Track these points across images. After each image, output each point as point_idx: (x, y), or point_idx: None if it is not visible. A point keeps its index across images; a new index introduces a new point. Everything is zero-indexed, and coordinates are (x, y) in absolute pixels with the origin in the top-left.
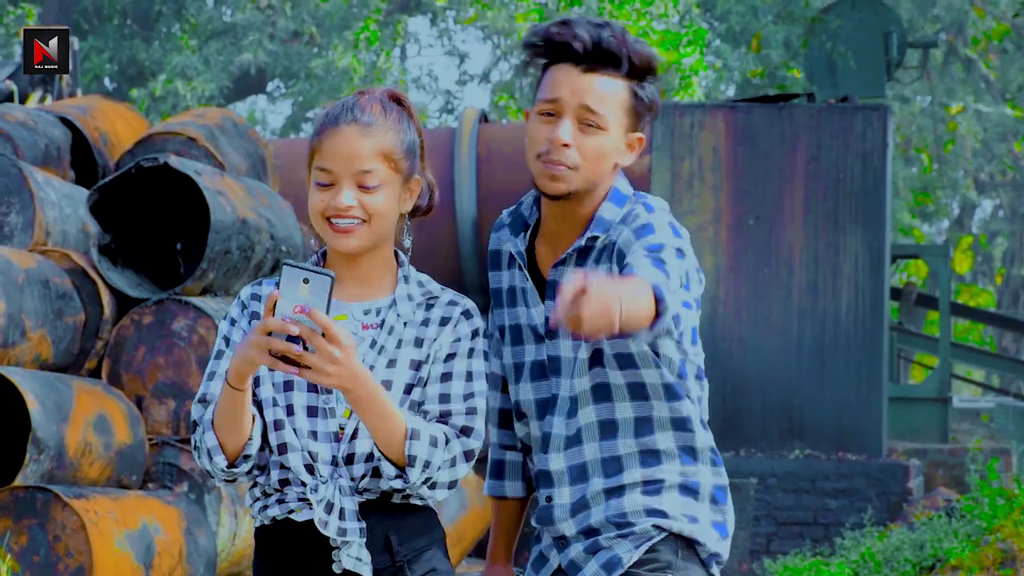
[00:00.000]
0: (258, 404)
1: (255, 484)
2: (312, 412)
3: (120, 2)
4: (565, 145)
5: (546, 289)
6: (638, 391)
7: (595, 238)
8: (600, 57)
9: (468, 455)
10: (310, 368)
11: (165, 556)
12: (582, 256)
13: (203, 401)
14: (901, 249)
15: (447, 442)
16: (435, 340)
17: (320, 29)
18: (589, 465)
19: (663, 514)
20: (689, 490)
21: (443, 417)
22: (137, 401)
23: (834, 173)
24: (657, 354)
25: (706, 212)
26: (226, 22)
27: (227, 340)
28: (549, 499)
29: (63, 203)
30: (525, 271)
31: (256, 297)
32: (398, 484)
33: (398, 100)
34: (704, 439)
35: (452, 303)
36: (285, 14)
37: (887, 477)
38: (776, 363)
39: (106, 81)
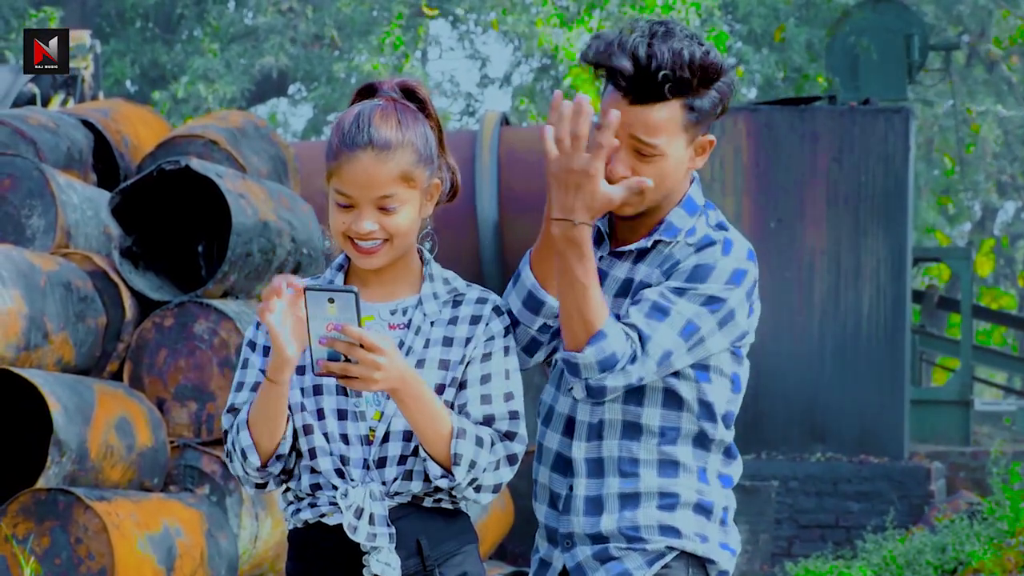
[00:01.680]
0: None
1: (287, 489)
2: (342, 415)
3: (142, 5)
4: (623, 176)
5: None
6: (672, 400)
7: (660, 242)
8: (644, 88)
9: (512, 459)
10: (358, 379)
11: (186, 559)
12: (641, 255)
13: (233, 411)
14: (923, 252)
15: (492, 444)
16: (468, 340)
17: (341, 33)
18: (607, 462)
19: (676, 532)
20: (703, 509)
21: (486, 422)
22: (159, 404)
23: (856, 176)
24: (708, 368)
25: (727, 215)
26: (247, 25)
27: (253, 345)
28: (572, 488)
29: (85, 206)
30: (607, 245)
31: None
32: (444, 484)
33: (413, 93)
34: (715, 462)
35: (481, 300)
36: (306, 17)
37: (909, 480)
38: (798, 366)
39: (128, 84)
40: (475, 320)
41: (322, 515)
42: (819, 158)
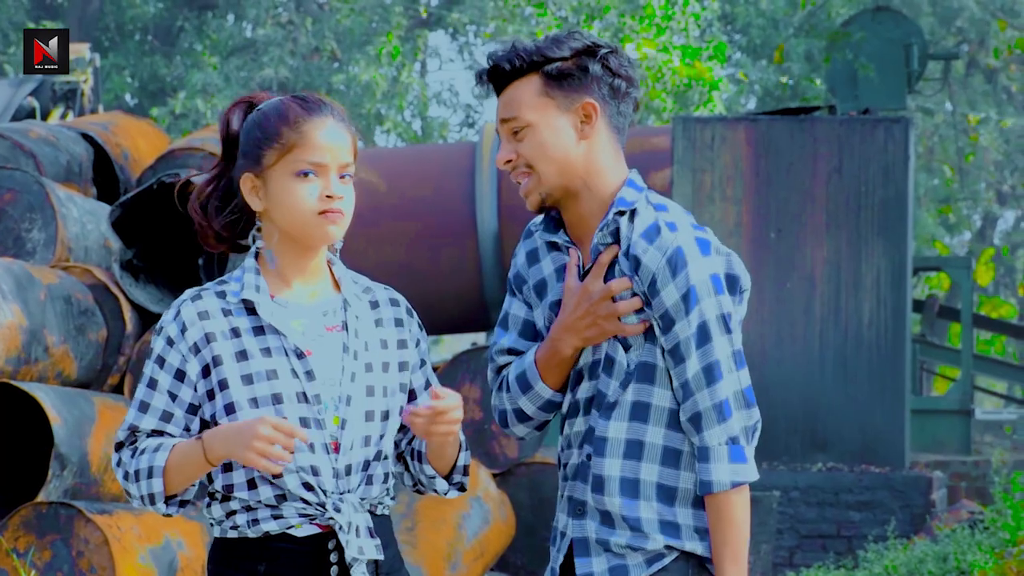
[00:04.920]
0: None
1: (229, 498)
2: (304, 423)
3: (141, 18)
4: (508, 162)
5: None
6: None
7: (620, 213)
8: (498, 77)
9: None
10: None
11: (188, 571)
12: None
13: (134, 431)
14: (923, 261)
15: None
16: (400, 343)
17: (341, 45)
18: (610, 442)
19: (675, 529)
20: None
21: None
22: None
23: (856, 186)
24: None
25: (727, 225)
26: (246, 38)
27: (162, 362)
28: (589, 457)
29: (85, 219)
30: (575, 248)
31: (204, 315)
32: (454, 494)
33: None
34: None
35: (394, 302)
36: (305, 29)
37: (910, 489)
38: (798, 376)
39: (127, 98)
40: (398, 323)
41: (289, 527)
42: (819, 168)
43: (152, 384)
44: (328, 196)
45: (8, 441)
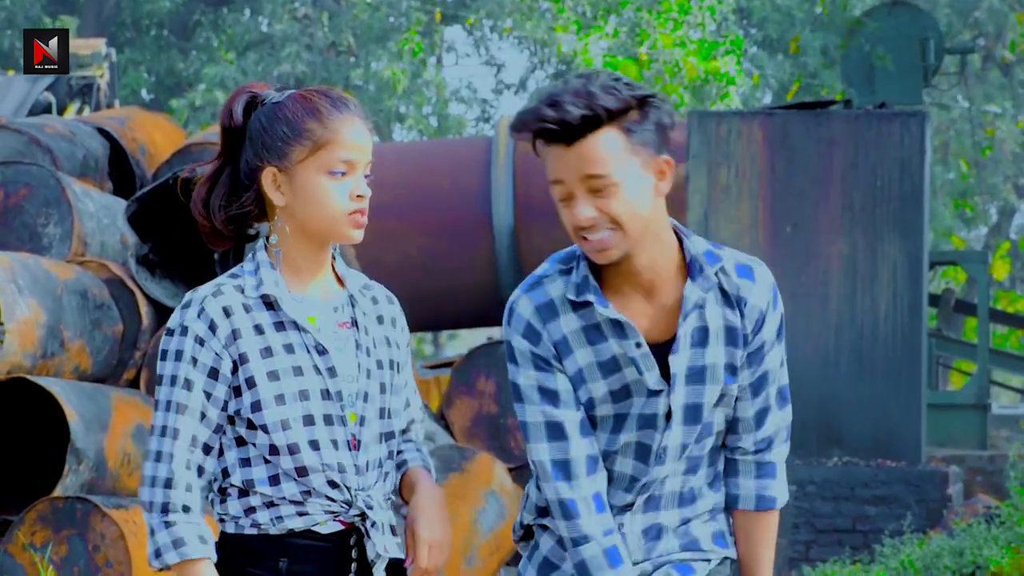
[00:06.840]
0: (253, 426)
1: (248, 494)
2: (328, 420)
3: (157, 13)
4: (591, 221)
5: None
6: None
7: (722, 271)
8: (572, 130)
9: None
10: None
11: None
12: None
13: (162, 462)
14: (939, 255)
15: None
16: (397, 343)
17: (358, 40)
18: (665, 497)
19: (723, 536)
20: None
21: (411, 423)
22: None
23: (872, 180)
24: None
25: (743, 220)
26: (263, 33)
27: (194, 361)
28: (620, 526)
29: (101, 214)
30: (645, 346)
31: (230, 311)
32: None
33: None
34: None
35: (390, 299)
36: (322, 25)
37: (926, 484)
38: (814, 370)
39: (143, 93)
40: (393, 322)
41: (315, 523)
42: (835, 162)
43: (187, 385)
44: (359, 196)
45: (25, 436)
